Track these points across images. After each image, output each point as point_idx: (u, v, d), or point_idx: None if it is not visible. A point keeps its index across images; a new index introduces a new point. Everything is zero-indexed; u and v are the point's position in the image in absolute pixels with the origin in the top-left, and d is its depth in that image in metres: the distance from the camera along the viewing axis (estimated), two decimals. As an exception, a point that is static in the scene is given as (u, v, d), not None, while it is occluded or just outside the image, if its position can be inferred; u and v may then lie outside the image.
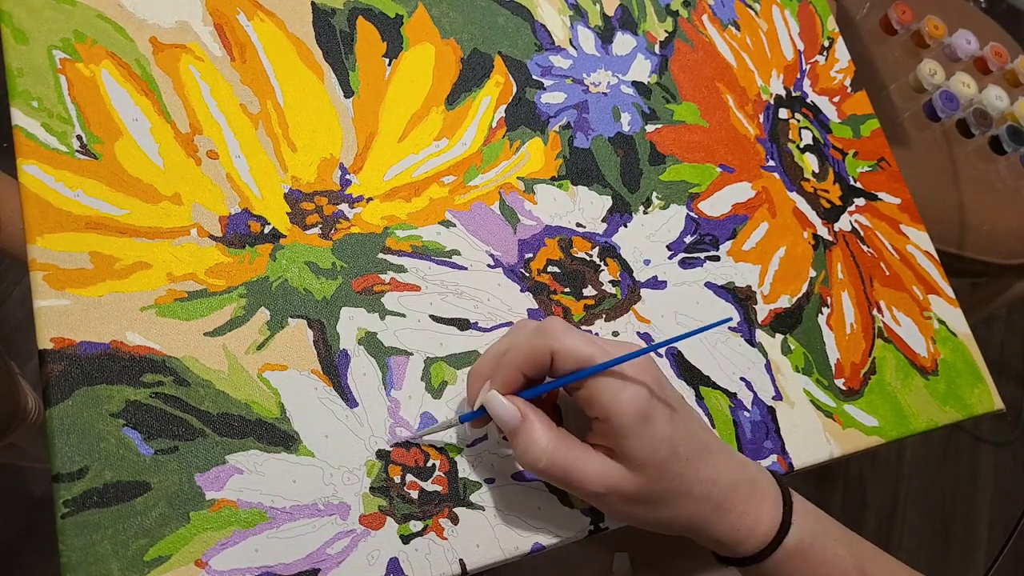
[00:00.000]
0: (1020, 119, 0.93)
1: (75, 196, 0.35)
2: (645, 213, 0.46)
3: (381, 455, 0.36)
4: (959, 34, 0.96)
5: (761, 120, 0.52)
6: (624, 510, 0.33)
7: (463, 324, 0.40)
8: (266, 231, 0.38)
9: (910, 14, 0.95)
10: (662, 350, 0.43)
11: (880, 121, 0.57)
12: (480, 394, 0.34)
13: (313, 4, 0.43)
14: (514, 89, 0.46)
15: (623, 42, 0.51)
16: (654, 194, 0.47)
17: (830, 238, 0.51)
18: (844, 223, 0.52)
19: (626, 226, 0.45)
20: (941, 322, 0.52)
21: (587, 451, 0.33)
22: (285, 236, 0.38)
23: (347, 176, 0.40)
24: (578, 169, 0.46)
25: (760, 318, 0.46)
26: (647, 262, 0.45)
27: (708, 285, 0.46)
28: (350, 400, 0.36)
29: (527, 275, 0.42)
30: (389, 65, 0.44)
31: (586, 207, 0.45)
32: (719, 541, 0.35)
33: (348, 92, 0.42)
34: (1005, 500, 1.49)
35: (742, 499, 0.34)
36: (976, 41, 0.97)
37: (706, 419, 0.42)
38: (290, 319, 0.37)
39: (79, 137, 0.36)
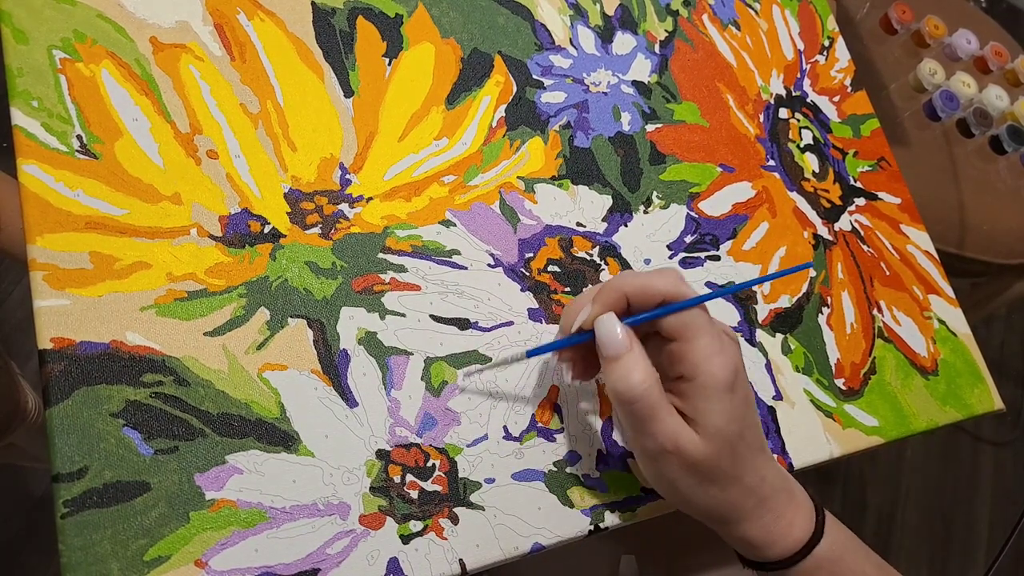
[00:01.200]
0: (1020, 119, 0.93)
1: (75, 196, 0.35)
2: (645, 213, 0.46)
3: (381, 455, 0.36)
4: (959, 34, 0.96)
5: (761, 120, 0.52)
6: (677, 478, 0.33)
7: (463, 324, 0.40)
8: (266, 231, 0.38)
9: (910, 14, 0.95)
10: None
11: (880, 121, 0.57)
12: (579, 316, 0.34)
13: (313, 4, 0.43)
14: (514, 89, 0.46)
15: (623, 42, 0.51)
16: (654, 194, 0.47)
17: (830, 238, 0.51)
18: (844, 223, 0.52)
19: (626, 225, 0.45)
20: (941, 322, 0.52)
21: (670, 405, 0.33)
22: (285, 236, 0.38)
23: (347, 176, 0.40)
24: (578, 168, 0.46)
25: (760, 318, 0.46)
26: (647, 261, 0.45)
27: (708, 285, 0.46)
28: (350, 400, 0.36)
29: (527, 274, 0.42)
30: (389, 65, 0.44)
31: (586, 207, 0.45)
32: (749, 541, 0.35)
33: (348, 92, 0.42)
34: (1005, 500, 1.48)
35: (781, 503, 0.35)
36: (976, 41, 0.97)
37: None
38: (290, 319, 0.37)
39: (79, 137, 0.36)
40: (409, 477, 0.36)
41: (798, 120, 0.54)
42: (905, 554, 1.40)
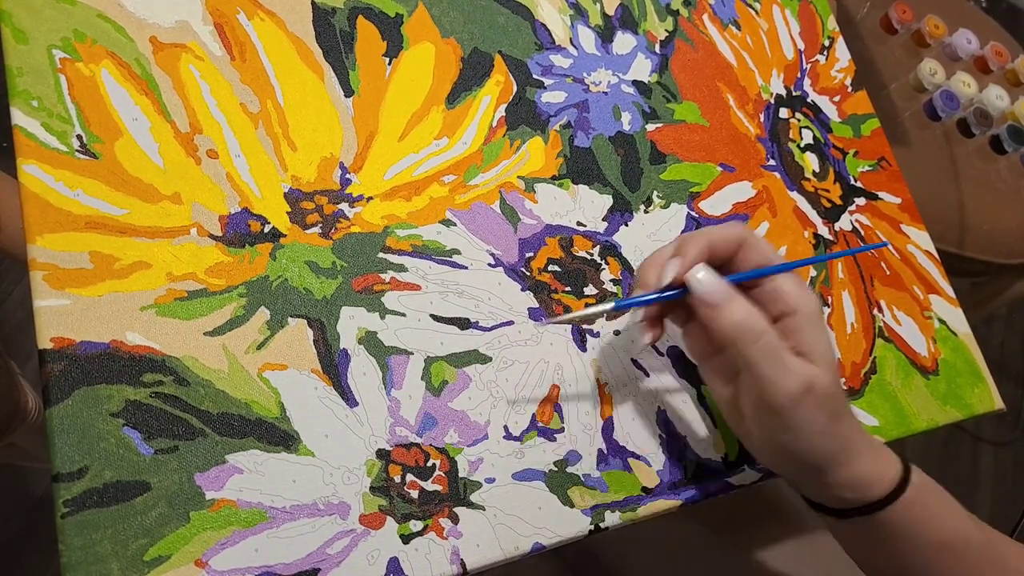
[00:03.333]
0: (1020, 118, 0.93)
1: (75, 196, 0.35)
2: (646, 212, 0.46)
3: (381, 455, 0.36)
4: (959, 33, 0.96)
5: (762, 119, 0.52)
6: (811, 419, 0.33)
7: (463, 323, 0.39)
8: (266, 230, 0.38)
9: (910, 13, 0.95)
10: (664, 348, 0.43)
11: (880, 121, 0.57)
12: (668, 269, 0.35)
13: (313, 3, 0.43)
14: (514, 88, 0.46)
15: (623, 41, 0.51)
16: (655, 193, 0.47)
17: (831, 237, 0.51)
18: (845, 222, 0.52)
19: (627, 225, 0.45)
20: (942, 321, 0.52)
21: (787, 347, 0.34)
22: (285, 235, 0.38)
23: (347, 175, 0.40)
24: (579, 168, 0.46)
25: (761, 317, 0.46)
26: (647, 261, 0.45)
27: (709, 284, 0.46)
28: (350, 400, 0.36)
29: (528, 274, 0.42)
30: (389, 64, 0.44)
31: (587, 206, 0.45)
32: (863, 477, 0.34)
33: (348, 91, 0.42)
34: (1005, 500, 1.48)
35: (874, 441, 0.36)
36: (976, 40, 0.97)
37: None
38: (290, 319, 0.37)
39: (79, 137, 0.36)
40: (409, 477, 0.36)
41: (798, 120, 0.54)
42: (905, 554, 1.39)
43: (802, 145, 0.53)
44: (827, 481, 0.35)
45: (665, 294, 0.35)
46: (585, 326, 0.42)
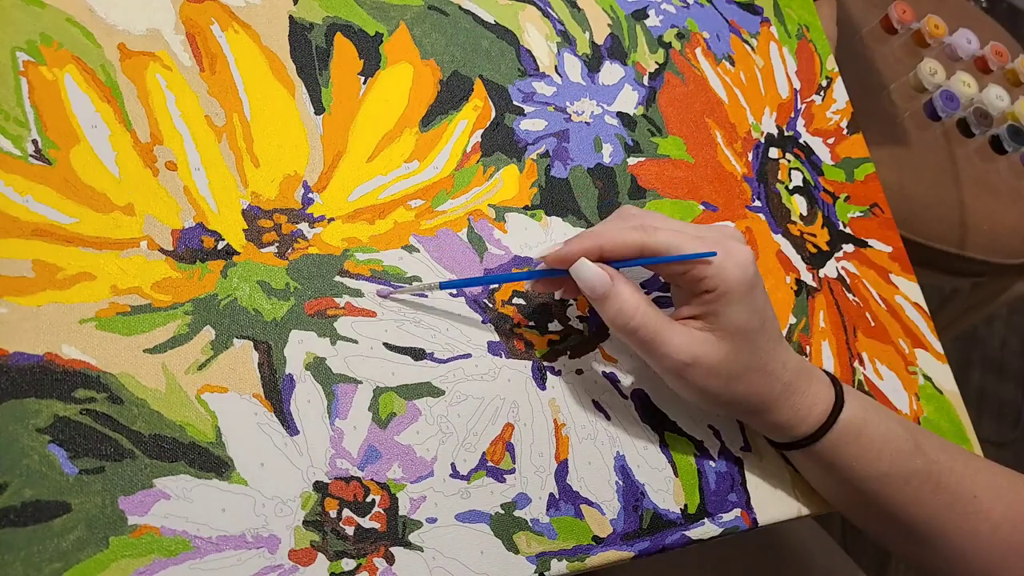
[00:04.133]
0: (1021, 118, 0.92)
1: (23, 202, 0.34)
2: (620, 248, 0.45)
3: (318, 487, 0.34)
4: (959, 33, 0.95)
5: (750, 158, 0.51)
6: (704, 384, 0.36)
7: (418, 354, 0.38)
8: (219, 247, 0.37)
9: (911, 13, 0.94)
10: (628, 392, 0.42)
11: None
12: (552, 253, 0.36)
13: (291, 18, 0.43)
14: (492, 114, 0.45)
15: (611, 71, 0.50)
16: (631, 229, 0.45)
17: (814, 284, 0.49)
18: (830, 269, 0.50)
19: (599, 261, 0.44)
20: (927, 378, 0.50)
21: (672, 322, 0.36)
22: (239, 253, 0.37)
23: (310, 195, 0.39)
24: (553, 199, 0.44)
25: (734, 364, 0.45)
26: (618, 299, 0.43)
27: (681, 326, 0.44)
28: (291, 427, 0.35)
29: (490, 306, 0.41)
30: (364, 83, 0.43)
31: (559, 238, 0.44)
32: (779, 424, 0.38)
33: (319, 109, 0.41)
34: (1005, 499, 1.45)
35: (803, 382, 0.38)
36: (976, 40, 0.96)
37: None
38: (236, 339, 0.35)
39: (34, 142, 0.35)
40: (346, 512, 0.34)
41: (788, 161, 0.52)
42: None
43: (790, 187, 0.52)
44: (753, 423, 0.39)
45: (522, 276, 0.38)
46: (546, 363, 0.40)
